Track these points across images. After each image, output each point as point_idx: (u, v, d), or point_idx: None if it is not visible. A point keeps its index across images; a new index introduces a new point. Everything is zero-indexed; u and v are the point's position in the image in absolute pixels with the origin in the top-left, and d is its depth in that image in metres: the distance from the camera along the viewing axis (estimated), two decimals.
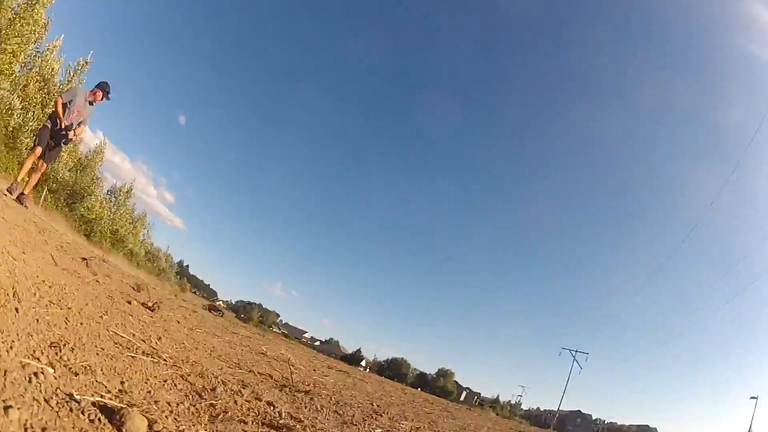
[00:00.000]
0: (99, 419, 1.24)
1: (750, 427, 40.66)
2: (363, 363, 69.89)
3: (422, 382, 67.89)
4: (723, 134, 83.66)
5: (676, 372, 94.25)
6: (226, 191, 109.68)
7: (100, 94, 7.42)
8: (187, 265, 66.16)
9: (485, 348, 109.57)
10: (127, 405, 1.43)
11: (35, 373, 1.28)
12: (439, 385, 68.42)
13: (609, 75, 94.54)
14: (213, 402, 2.14)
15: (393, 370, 68.90)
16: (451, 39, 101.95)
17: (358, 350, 74.22)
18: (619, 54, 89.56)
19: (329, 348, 72.42)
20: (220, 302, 50.85)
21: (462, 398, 70.31)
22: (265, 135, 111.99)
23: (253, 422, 2.08)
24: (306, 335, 76.68)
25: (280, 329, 66.86)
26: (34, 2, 14.48)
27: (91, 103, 7.41)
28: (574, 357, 52.41)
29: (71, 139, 7.41)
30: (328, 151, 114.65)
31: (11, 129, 14.89)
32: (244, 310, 64.96)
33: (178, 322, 5.40)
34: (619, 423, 66.27)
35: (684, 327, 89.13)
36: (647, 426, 63.67)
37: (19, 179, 7.29)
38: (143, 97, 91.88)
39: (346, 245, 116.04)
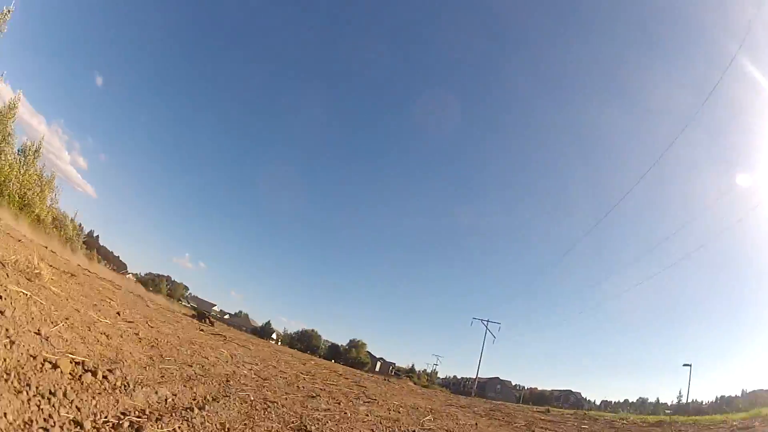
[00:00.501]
0: None
1: (680, 393, 45.93)
2: (274, 336, 68.99)
3: (335, 353, 67.88)
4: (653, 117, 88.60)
5: (601, 341, 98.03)
6: (138, 158, 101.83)
7: None
8: (97, 236, 60.91)
9: (397, 319, 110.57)
10: None
11: None
12: (351, 356, 69.04)
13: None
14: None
15: (304, 342, 68.43)
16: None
17: (268, 323, 72.97)
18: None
19: (239, 321, 70.87)
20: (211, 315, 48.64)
21: (377, 368, 71.17)
22: (182, 101, 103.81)
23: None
24: (215, 308, 74.54)
25: (188, 302, 64.18)
26: None
27: None
28: (486, 327, 54.90)
29: None
30: (240, 121, 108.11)
31: None
32: (152, 283, 62.29)
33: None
34: (540, 388, 70.22)
35: (602, 298, 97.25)
36: (570, 391, 66.77)
37: None
38: (60, 56, 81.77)
39: (254, 216, 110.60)
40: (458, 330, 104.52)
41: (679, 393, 49.17)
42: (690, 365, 38.16)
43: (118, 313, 8.28)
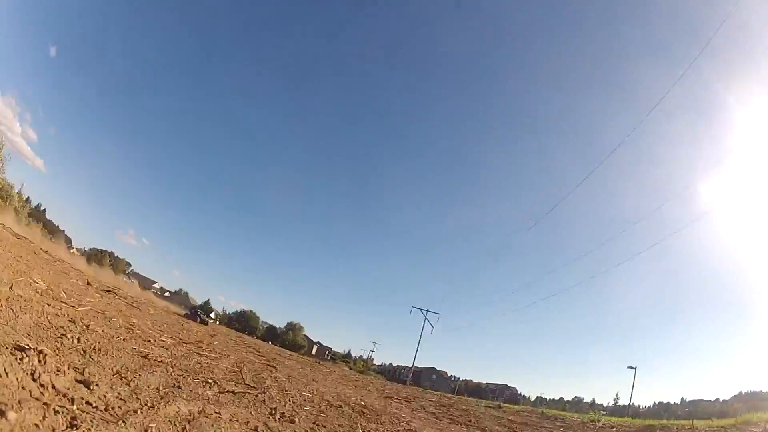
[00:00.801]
0: None
1: (617, 396, 46.66)
2: (213, 315, 65.93)
3: (272, 335, 67.10)
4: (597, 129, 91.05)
5: (537, 338, 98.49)
6: (88, 133, 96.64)
7: None
8: (44, 209, 60.78)
9: (336, 304, 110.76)
10: None
11: None
12: (289, 338, 68.40)
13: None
14: None
15: (242, 322, 67.44)
16: None
17: (207, 302, 70.16)
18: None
19: (179, 299, 68.95)
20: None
21: (314, 352, 70.71)
22: (135, 76, 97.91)
23: None
24: (156, 285, 72.78)
25: (130, 278, 63.23)
26: None
27: None
28: (425, 316, 54.90)
29: None
30: (190, 99, 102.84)
31: None
32: (95, 258, 60.57)
33: None
34: (475, 381, 71.07)
35: (543, 295, 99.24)
36: (506, 385, 67.93)
37: None
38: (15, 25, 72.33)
39: (200, 196, 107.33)
40: (397, 318, 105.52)
41: (616, 395, 51.32)
42: (635, 368, 39.59)
43: None
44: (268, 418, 5.19)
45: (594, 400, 56.35)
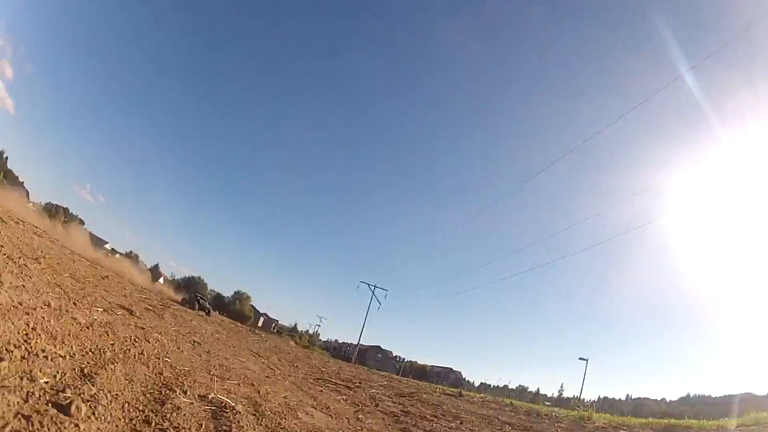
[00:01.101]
0: None
1: (561, 387, 45.86)
2: (161, 280, 63.72)
3: (219, 303, 64.76)
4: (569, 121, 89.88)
5: (484, 324, 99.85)
6: (62, 74, 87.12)
7: None
8: (7, 157, 57.26)
9: (285, 276, 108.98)
10: None
11: None
12: (236, 308, 66.18)
13: None
14: None
15: (190, 289, 63.34)
16: None
17: (156, 266, 67.28)
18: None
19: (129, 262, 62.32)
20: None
21: (260, 323, 68.90)
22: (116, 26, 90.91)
23: None
24: (107, 245, 67.82)
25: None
26: None
27: None
28: (372, 292, 53.35)
29: None
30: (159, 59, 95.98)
31: None
32: (50, 213, 55.30)
33: None
34: (420, 362, 70.38)
35: (491, 279, 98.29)
36: (451, 369, 67.89)
37: None
38: None
39: (159, 158, 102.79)
40: (345, 294, 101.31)
41: (561, 386, 50.53)
42: (587, 360, 38.83)
43: None
44: None
45: (539, 389, 55.61)
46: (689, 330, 75.47)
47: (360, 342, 55.58)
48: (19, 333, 3.06)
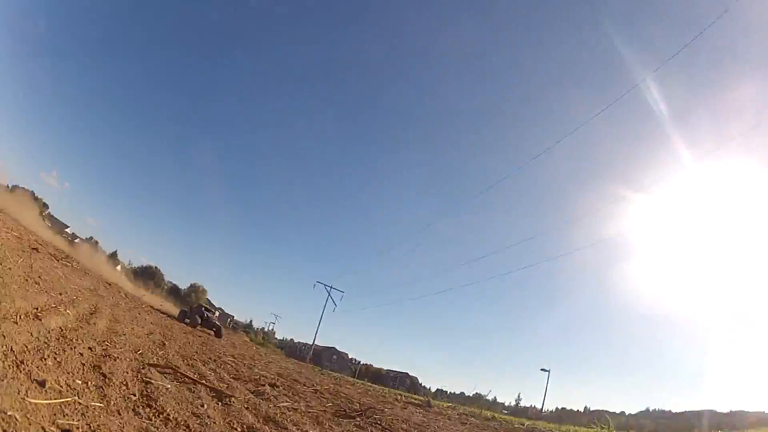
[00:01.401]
0: None
1: (518, 397, 46.07)
2: (118, 268, 61.10)
3: (175, 294, 63.29)
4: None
5: (442, 330, 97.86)
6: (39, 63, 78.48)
7: None
8: None
9: (241, 271, 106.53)
10: None
11: None
12: (191, 301, 62.28)
13: None
14: None
15: (146, 277, 62.20)
16: None
17: (114, 253, 63.83)
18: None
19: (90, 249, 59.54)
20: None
21: (215, 318, 65.51)
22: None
23: None
24: (68, 230, 65.08)
25: (45, 221, 55.94)
26: None
27: None
28: (329, 293, 53.57)
29: None
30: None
31: None
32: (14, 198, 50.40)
33: None
34: (375, 366, 69.25)
35: (450, 284, 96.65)
36: (407, 374, 66.88)
37: None
38: None
39: (126, 143, 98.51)
40: (300, 293, 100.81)
41: (518, 396, 51.80)
42: (548, 370, 39.82)
43: None
44: None
45: (495, 398, 56.82)
46: (650, 344, 77.52)
47: (315, 342, 55.24)
48: None
